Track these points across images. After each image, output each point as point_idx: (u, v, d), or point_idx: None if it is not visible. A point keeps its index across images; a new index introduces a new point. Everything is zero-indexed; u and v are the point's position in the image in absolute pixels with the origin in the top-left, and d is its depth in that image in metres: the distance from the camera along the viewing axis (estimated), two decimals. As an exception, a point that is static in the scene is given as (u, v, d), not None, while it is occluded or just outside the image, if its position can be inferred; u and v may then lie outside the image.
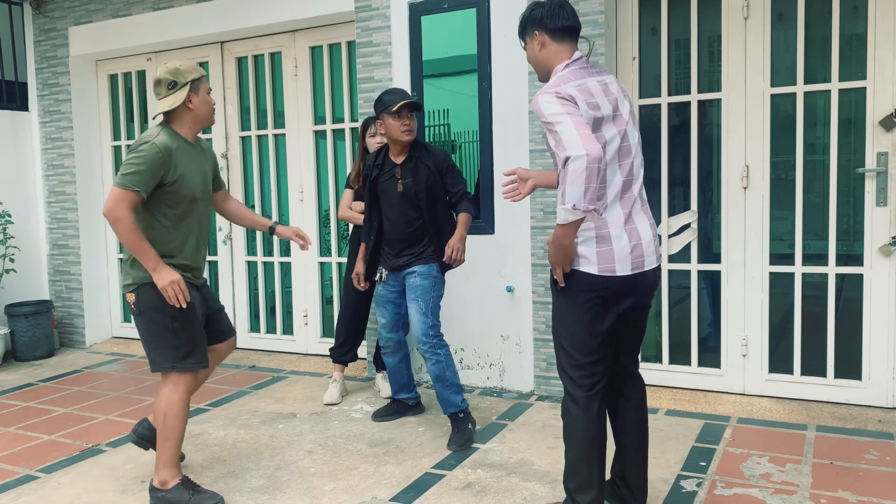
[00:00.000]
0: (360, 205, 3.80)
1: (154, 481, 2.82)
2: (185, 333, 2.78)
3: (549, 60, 2.40)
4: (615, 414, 2.54)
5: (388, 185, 3.46)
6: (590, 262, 2.28)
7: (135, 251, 2.67)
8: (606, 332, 2.35)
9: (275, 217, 5.19)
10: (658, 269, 2.46)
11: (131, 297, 2.77)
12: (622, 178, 2.30)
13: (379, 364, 4.20)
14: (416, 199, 3.40)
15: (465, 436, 3.33)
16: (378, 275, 3.57)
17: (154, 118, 2.92)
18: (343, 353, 4.11)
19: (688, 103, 3.88)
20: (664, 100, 3.91)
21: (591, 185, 2.04)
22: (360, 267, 3.63)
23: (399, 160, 3.45)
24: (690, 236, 3.92)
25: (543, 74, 2.45)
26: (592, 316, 2.32)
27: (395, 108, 3.32)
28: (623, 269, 2.29)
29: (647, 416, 2.55)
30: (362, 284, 3.63)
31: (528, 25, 2.42)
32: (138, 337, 2.91)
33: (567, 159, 2.06)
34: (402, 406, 3.75)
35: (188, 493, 2.78)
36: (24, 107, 5.81)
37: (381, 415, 3.75)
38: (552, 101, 2.17)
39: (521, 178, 2.60)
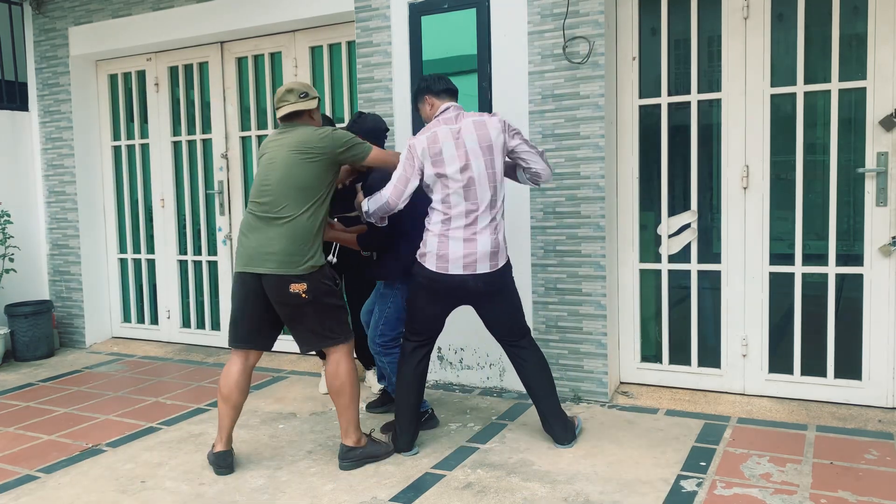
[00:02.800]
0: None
1: (349, 442, 3.11)
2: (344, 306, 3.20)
3: (430, 115, 3.25)
4: (518, 372, 3.32)
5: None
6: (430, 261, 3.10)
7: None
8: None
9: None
10: (486, 274, 3.12)
11: (301, 287, 2.95)
12: (465, 205, 3.08)
13: (366, 361, 4.22)
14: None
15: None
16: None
17: (281, 115, 3.15)
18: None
19: (688, 103, 3.88)
20: (664, 100, 3.91)
21: (378, 213, 3.17)
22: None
23: None
24: (690, 236, 3.92)
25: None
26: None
27: None
28: (455, 269, 3.08)
29: (545, 363, 3.28)
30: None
31: (419, 95, 3.28)
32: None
33: (381, 190, 3.13)
34: (390, 397, 3.79)
35: (378, 445, 3.21)
36: (24, 107, 5.81)
37: (373, 406, 3.88)
38: (404, 151, 3.14)
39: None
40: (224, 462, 3.12)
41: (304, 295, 2.95)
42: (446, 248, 3.08)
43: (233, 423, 3.13)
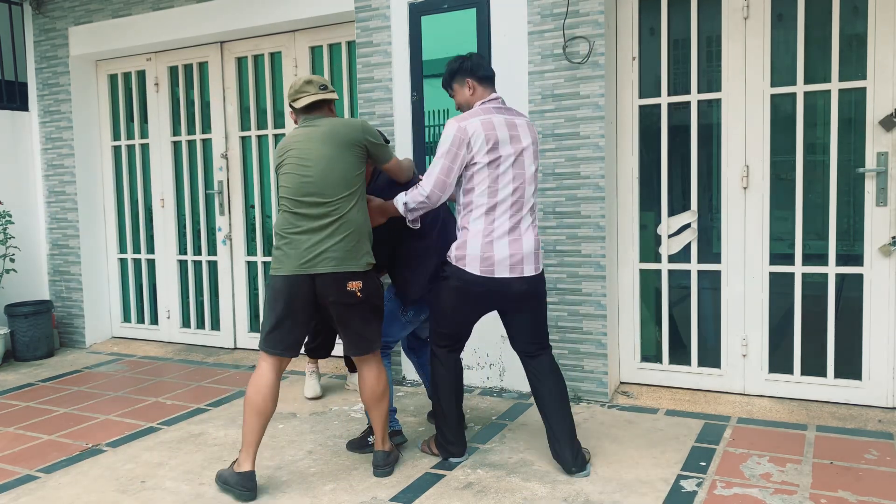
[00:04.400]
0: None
1: (388, 447, 3.07)
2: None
3: (472, 101, 3.04)
4: (532, 387, 3.10)
5: None
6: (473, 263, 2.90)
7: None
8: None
9: (275, 217, 5.19)
10: (532, 277, 2.96)
11: (357, 285, 2.84)
12: (510, 202, 2.90)
13: (350, 365, 4.22)
14: None
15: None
16: None
17: (297, 110, 3.04)
18: (309, 343, 4.03)
19: (688, 103, 3.88)
20: (664, 100, 3.91)
21: (419, 209, 2.96)
22: None
23: None
24: (690, 236, 3.92)
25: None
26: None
27: None
28: (502, 272, 2.89)
29: (563, 384, 3.07)
30: None
31: (459, 75, 3.07)
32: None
33: (419, 183, 2.93)
34: (370, 432, 3.32)
35: (398, 449, 3.21)
36: (24, 107, 5.81)
37: (353, 446, 3.35)
38: (449, 134, 2.88)
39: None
40: (251, 484, 2.83)
41: (358, 294, 2.84)
42: (491, 250, 2.86)
43: (261, 437, 2.90)
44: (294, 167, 2.88)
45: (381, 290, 2.99)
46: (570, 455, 2.95)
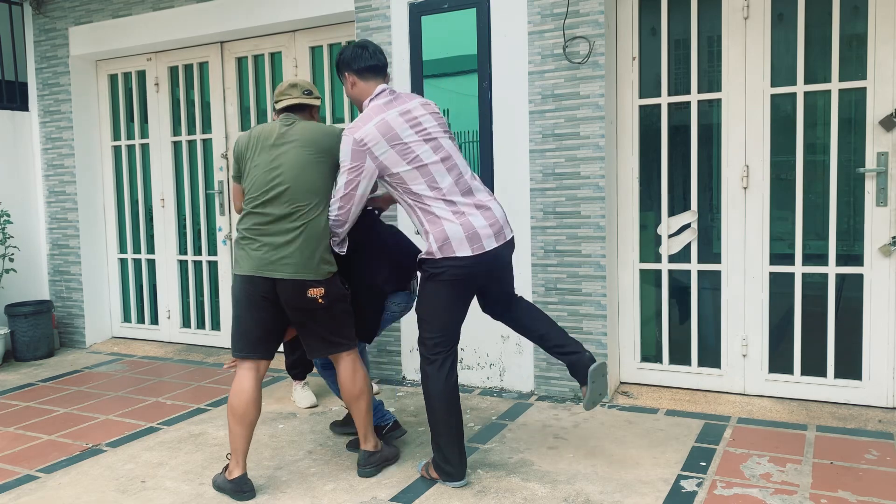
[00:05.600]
0: None
1: (369, 447, 3.04)
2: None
3: (360, 96, 2.92)
4: (516, 323, 3.07)
5: None
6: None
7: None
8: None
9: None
10: (511, 240, 2.93)
11: (319, 291, 2.80)
12: (452, 179, 2.81)
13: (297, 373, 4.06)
14: None
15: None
16: None
17: (278, 111, 3.06)
18: (288, 358, 4.00)
19: (688, 103, 3.88)
20: (664, 100, 3.91)
21: (336, 228, 2.86)
22: None
23: None
24: (690, 236, 3.92)
25: (360, 107, 2.95)
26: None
27: None
28: (490, 244, 2.80)
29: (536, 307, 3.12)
30: None
31: (339, 70, 2.95)
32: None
33: (332, 202, 2.84)
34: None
35: (390, 447, 3.17)
36: (24, 107, 5.81)
37: (336, 425, 3.59)
38: (346, 149, 2.77)
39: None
40: (246, 486, 2.85)
41: (320, 300, 2.80)
42: (472, 227, 2.76)
43: (249, 443, 2.87)
44: (265, 167, 2.85)
45: (346, 294, 2.95)
46: (583, 349, 2.97)
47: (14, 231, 5.51)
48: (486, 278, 2.91)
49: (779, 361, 3.80)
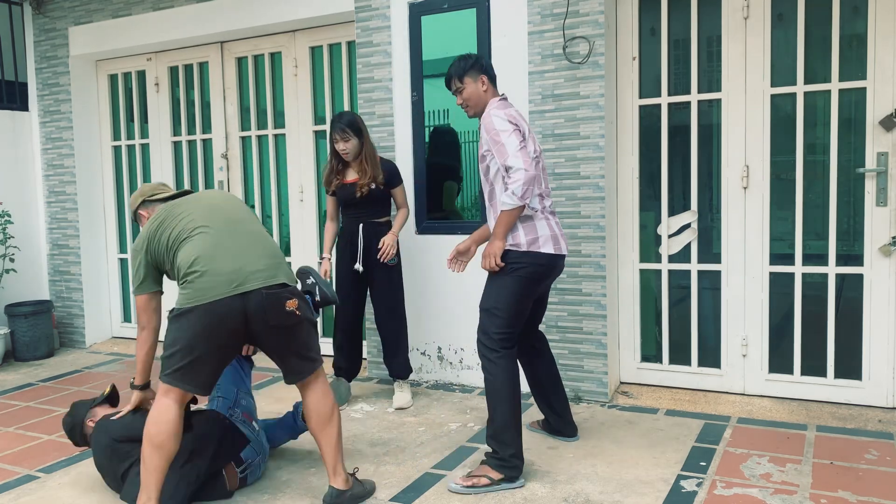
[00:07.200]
0: None
1: (339, 484, 2.72)
2: None
3: (487, 97, 3.05)
4: (530, 364, 3.22)
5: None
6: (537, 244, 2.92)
7: None
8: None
9: (275, 217, 5.20)
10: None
11: (294, 304, 2.62)
12: (545, 180, 3.03)
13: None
14: None
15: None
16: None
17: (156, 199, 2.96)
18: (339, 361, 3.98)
19: (688, 103, 3.88)
20: (664, 100, 3.91)
21: (529, 187, 2.79)
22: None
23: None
24: (690, 236, 3.92)
25: (480, 109, 3.05)
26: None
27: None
28: (563, 249, 3.01)
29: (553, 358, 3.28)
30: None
31: (474, 69, 3.05)
32: (165, 340, 2.68)
33: (509, 168, 2.78)
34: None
35: (363, 485, 2.83)
36: (24, 107, 5.81)
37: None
38: (500, 120, 2.85)
39: (462, 252, 3.23)
40: None
41: (297, 312, 2.62)
42: (554, 229, 2.97)
43: (164, 476, 2.57)
44: (204, 203, 2.76)
45: (310, 305, 2.80)
46: (573, 423, 3.27)
47: (14, 231, 5.51)
48: (547, 283, 3.09)
49: (779, 361, 3.80)
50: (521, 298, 2.92)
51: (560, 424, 3.26)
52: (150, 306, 2.76)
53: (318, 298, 3.05)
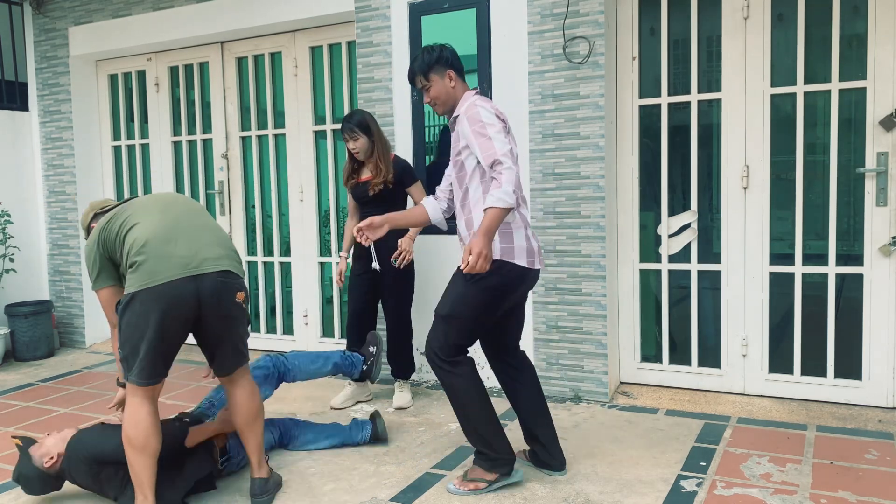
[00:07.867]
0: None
1: (264, 474, 2.81)
2: None
3: (457, 93, 2.83)
4: (510, 389, 2.97)
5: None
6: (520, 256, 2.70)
7: None
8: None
9: (275, 217, 5.20)
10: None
11: (242, 295, 2.65)
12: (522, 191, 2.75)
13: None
14: None
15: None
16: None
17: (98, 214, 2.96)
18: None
19: (688, 103, 3.88)
20: (664, 100, 3.91)
21: (517, 188, 2.58)
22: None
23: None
24: (690, 236, 3.92)
25: (451, 106, 2.84)
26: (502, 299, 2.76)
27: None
28: (538, 264, 2.78)
29: (538, 380, 2.99)
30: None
31: (438, 65, 2.80)
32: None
33: (497, 164, 2.56)
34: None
35: (277, 473, 2.94)
36: (24, 107, 5.81)
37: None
38: (486, 112, 2.64)
39: (376, 225, 2.90)
40: None
41: (244, 305, 2.62)
42: (530, 241, 2.73)
43: (155, 473, 2.56)
44: (154, 199, 2.74)
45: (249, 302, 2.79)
46: (560, 456, 2.95)
47: (14, 231, 5.51)
48: (517, 297, 2.82)
49: (779, 361, 3.80)
50: (484, 310, 2.71)
51: (546, 456, 2.94)
52: (113, 301, 2.74)
53: (364, 367, 3.58)
